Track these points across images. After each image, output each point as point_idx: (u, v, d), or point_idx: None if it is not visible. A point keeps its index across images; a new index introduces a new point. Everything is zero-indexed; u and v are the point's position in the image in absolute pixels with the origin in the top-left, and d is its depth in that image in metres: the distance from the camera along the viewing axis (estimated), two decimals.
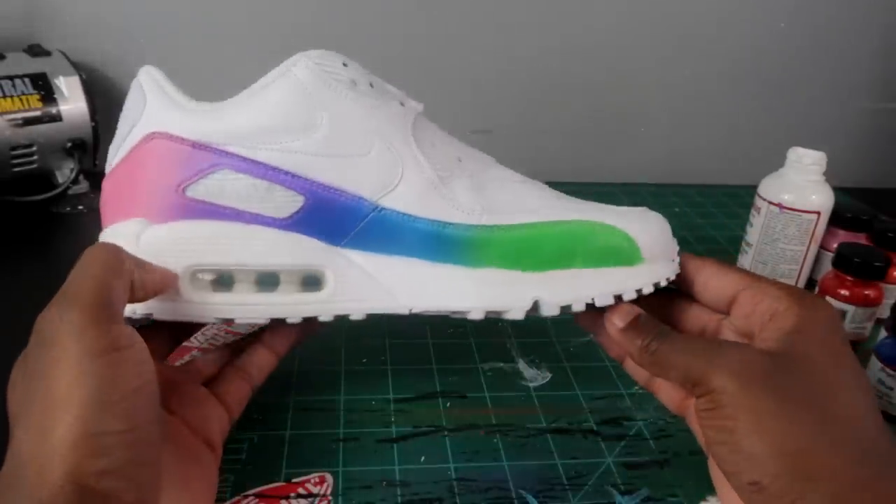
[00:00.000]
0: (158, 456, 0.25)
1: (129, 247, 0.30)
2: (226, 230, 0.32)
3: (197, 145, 0.32)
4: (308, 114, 0.32)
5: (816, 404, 0.26)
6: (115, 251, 0.28)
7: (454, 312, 0.33)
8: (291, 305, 0.33)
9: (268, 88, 0.32)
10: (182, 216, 0.32)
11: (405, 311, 0.33)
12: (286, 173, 0.32)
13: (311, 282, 0.33)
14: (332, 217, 0.33)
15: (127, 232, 0.32)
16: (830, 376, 0.27)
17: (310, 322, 0.34)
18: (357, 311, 0.33)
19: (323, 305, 0.33)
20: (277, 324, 0.33)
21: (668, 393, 0.34)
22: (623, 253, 0.33)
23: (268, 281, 0.33)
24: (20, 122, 0.58)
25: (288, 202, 0.32)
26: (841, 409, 0.26)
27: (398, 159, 0.33)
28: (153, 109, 0.32)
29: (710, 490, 0.32)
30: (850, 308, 0.48)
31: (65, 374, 0.23)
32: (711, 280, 0.32)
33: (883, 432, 0.26)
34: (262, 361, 0.36)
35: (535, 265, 0.32)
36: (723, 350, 0.28)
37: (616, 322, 0.32)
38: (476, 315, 0.33)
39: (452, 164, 0.34)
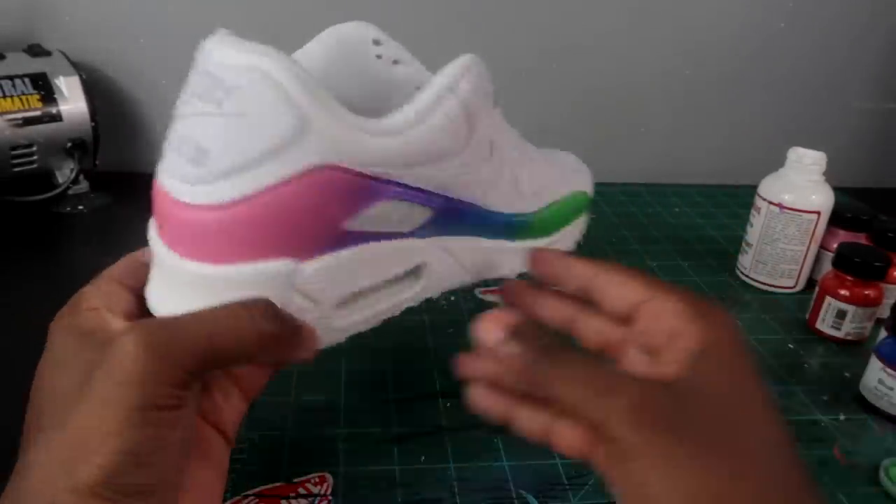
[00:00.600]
0: (176, 495, 0.24)
1: (283, 291, 0.27)
2: (370, 252, 0.30)
3: (374, 178, 0.28)
4: (468, 134, 0.31)
5: (728, 443, 0.23)
6: (275, 323, 0.25)
7: (504, 277, 0.37)
8: (397, 303, 0.33)
9: (438, 107, 0.29)
10: (333, 249, 0.28)
11: (471, 282, 0.36)
12: (436, 194, 0.31)
13: None
14: (446, 223, 0.33)
15: (275, 274, 0.27)
16: (739, 406, 0.24)
17: None
18: (438, 291, 0.35)
19: (419, 294, 0.34)
20: None
21: (568, 442, 0.27)
22: (583, 207, 0.42)
23: None
24: (20, 121, 0.58)
25: (421, 217, 0.31)
26: (753, 443, 0.23)
27: (501, 164, 0.35)
28: (324, 133, 0.26)
29: None
30: (850, 308, 0.48)
31: (107, 419, 0.22)
32: (610, 289, 0.28)
33: (794, 465, 0.24)
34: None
35: (552, 230, 0.39)
36: (621, 390, 0.24)
37: (491, 332, 0.27)
38: (513, 275, 0.37)
39: (514, 157, 0.36)
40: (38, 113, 0.59)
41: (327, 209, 0.27)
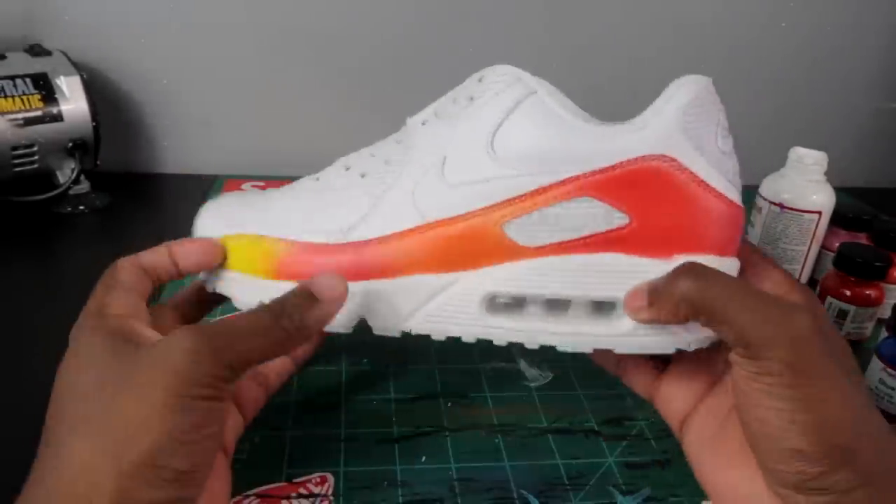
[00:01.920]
0: (202, 491, 0.26)
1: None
2: None
3: None
4: None
5: (854, 376, 0.27)
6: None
7: None
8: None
9: None
10: None
11: None
12: None
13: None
14: None
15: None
16: (841, 346, 0.28)
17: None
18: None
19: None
20: None
21: (669, 405, 0.34)
22: None
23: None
24: (21, 122, 0.58)
25: None
26: (851, 367, 0.28)
27: None
28: None
29: None
30: (851, 308, 0.48)
31: (155, 404, 0.24)
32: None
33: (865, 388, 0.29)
34: (281, 367, 0.37)
35: None
36: (789, 317, 0.27)
37: (640, 303, 0.30)
38: None
39: None
40: (38, 113, 0.59)
41: None
